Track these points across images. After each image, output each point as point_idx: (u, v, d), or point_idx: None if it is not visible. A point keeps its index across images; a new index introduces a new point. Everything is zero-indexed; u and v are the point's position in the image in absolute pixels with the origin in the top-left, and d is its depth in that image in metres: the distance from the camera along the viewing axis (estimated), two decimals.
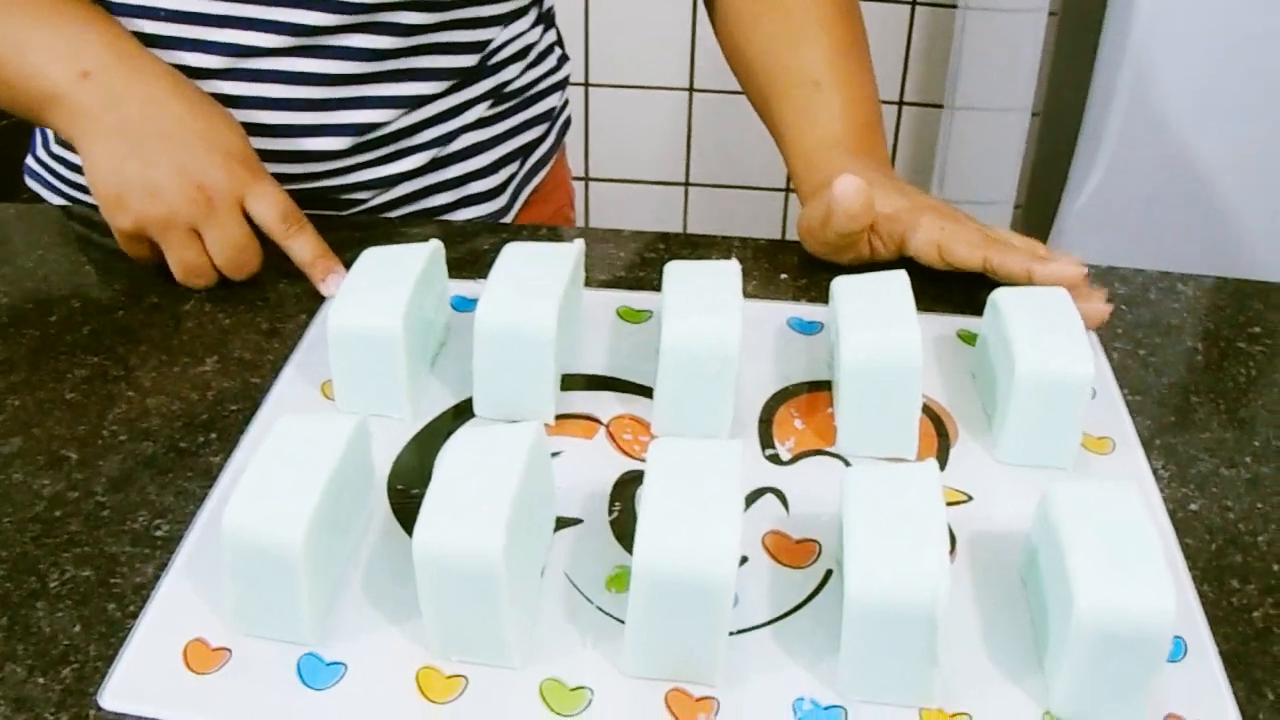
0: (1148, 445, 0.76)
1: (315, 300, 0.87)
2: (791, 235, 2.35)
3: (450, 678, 0.61)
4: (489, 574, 0.58)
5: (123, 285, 0.90)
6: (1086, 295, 0.82)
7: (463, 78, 1.01)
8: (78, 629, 0.63)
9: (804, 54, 0.96)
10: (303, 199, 0.90)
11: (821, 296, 0.86)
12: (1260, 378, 0.84)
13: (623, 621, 0.62)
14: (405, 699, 0.60)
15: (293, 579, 0.60)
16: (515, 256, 0.77)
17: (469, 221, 1.05)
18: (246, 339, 0.83)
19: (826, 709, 0.60)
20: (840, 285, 0.77)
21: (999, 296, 0.77)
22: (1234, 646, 0.64)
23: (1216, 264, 0.98)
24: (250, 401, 0.77)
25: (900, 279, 0.76)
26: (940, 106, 2.25)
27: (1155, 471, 0.74)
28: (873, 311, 0.74)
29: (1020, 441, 0.73)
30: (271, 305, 0.87)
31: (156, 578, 0.66)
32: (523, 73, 1.07)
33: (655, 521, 0.59)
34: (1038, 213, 1.66)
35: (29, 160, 1.13)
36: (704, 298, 0.73)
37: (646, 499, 0.60)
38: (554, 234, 0.97)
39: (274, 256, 0.89)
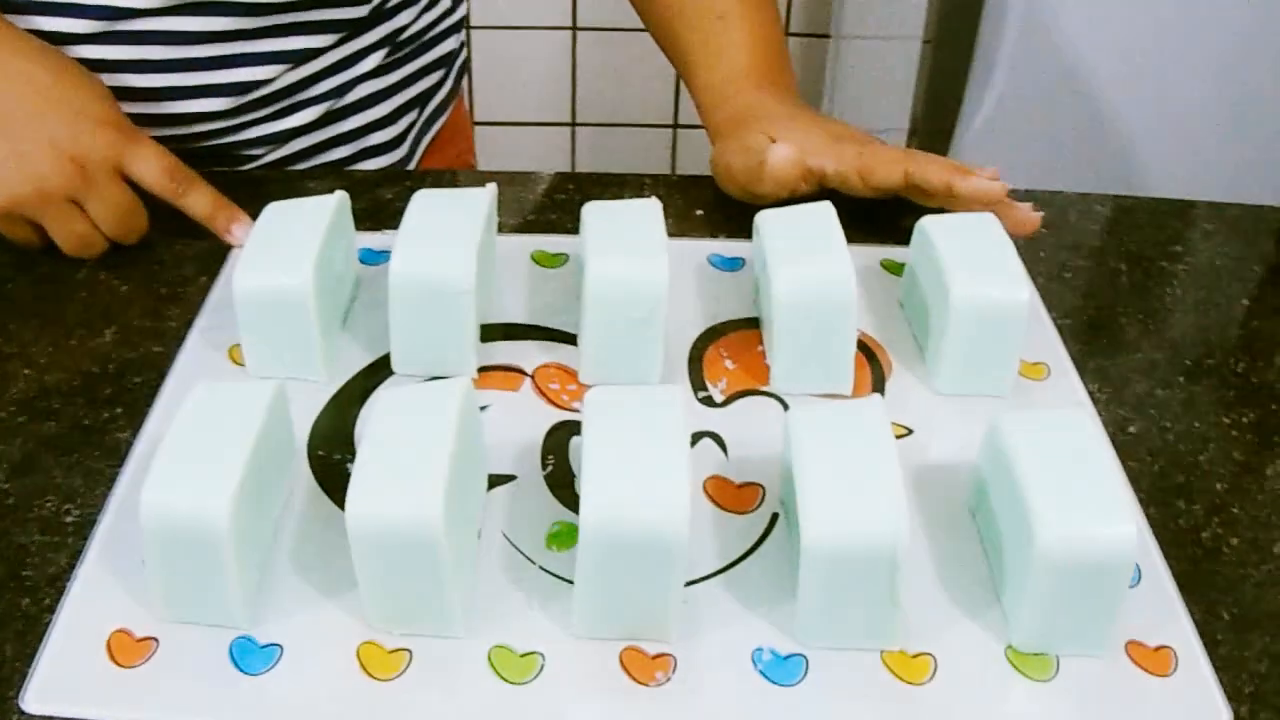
0: (1081, 369, 0.75)
1: (215, 261, 0.83)
2: (681, 170, 2.35)
3: (393, 652, 0.58)
4: (428, 542, 0.55)
5: (8, 257, 0.84)
6: (1010, 207, 0.81)
7: (354, 28, 0.97)
8: None
9: None
10: (191, 159, 0.85)
11: (741, 232, 0.84)
12: (1186, 296, 0.84)
13: (569, 581, 0.60)
14: (348, 678, 0.57)
15: (219, 559, 0.57)
16: (425, 204, 0.73)
17: (371, 171, 1.01)
18: (145, 306, 0.79)
19: (787, 658, 0.58)
20: (765, 219, 0.75)
21: (926, 224, 0.75)
22: (1185, 568, 0.63)
23: (1111, 184, 0.99)
24: (155, 372, 0.73)
25: (826, 210, 0.74)
26: (827, 37, 2.23)
27: (1091, 395, 0.73)
28: (802, 245, 0.72)
29: (958, 371, 0.72)
30: (168, 269, 0.82)
31: (71, 567, 0.62)
32: (417, 17, 1.03)
33: (600, 476, 0.56)
34: (932, 140, 1.65)
35: None
36: (626, 238, 0.71)
37: (588, 452, 0.58)
38: (459, 179, 0.94)
39: (166, 218, 0.84)
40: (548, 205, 0.89)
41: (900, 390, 0.73)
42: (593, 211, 0.74)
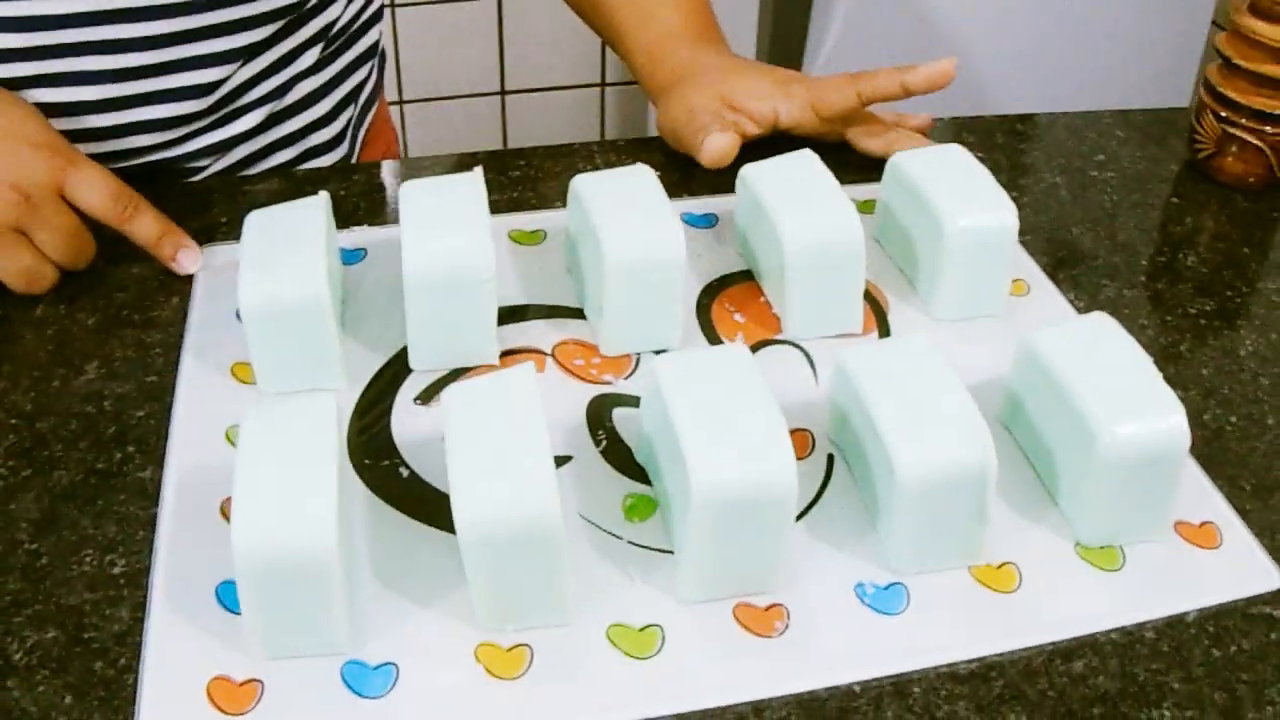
0: (1055, 281, 0.79)
1: (181, 279, 0.79)
2: (610, 129, 2.30)
3: (511, 650, 0.58)
4: (548, 535, 0.55)
5: None
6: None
7: (290, 23, 0.94)
8: (69, 700, 0.55)
9: None
10: (135, 178, 0.81)
11: (701, 189, 0.85)
12: (1122, 201, 0.89)
13: (659, 550, 0.61)
14: (475, 682, 0.56)
15: (326, 588, 0.55)
16: (418, 196, 0.72)
17: (315, 169, 0.98)
18: (121, 336, 0.75)
19: (888, 588, 0.61)
20: (750, 174, 0.76)
21: (898, 160, 0.77)
22: (1199, 450, 0.68)
23: (959, 106, 1.03)
24: (157, 403, 0.70)
25: (810, 159, 0.76)
26: None
27: (1070, 303, 0.78)
28: (799, 195, 0.73)
29: (956, 297, 0.75)
30: (133, 294, 0.78)
31: (137, 620, 0.59)
32: (344, 9, 1.00)
33: (701, 442, 0.57)
34: None
35: None
36: (631, 207, 0.71)
37: (677, 420, 0.58)
38: (414, 166, 0.92)
39: (111, 242, 0.80)
40: (507, 184, 0.88)
41: (904, 321, 0.76)
42: (585, 185, 0.74)
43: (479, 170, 0.74)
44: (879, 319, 0.75)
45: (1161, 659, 0.58)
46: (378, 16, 1.06)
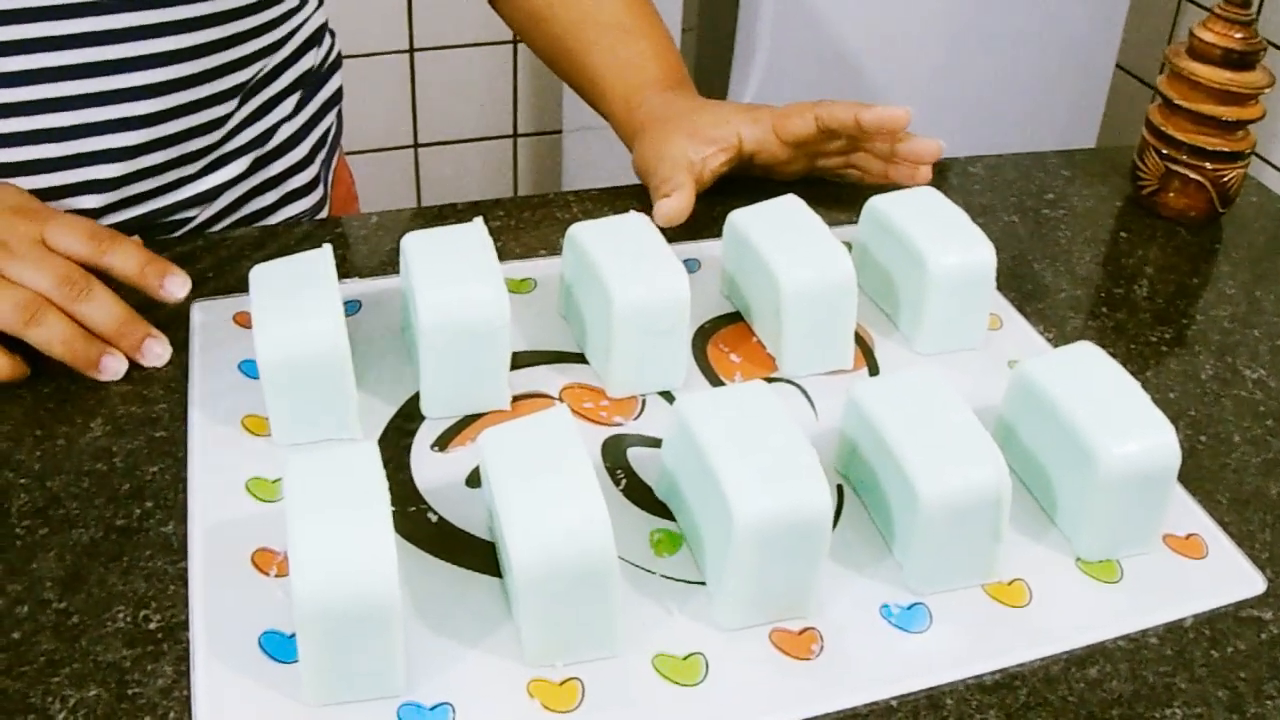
0: (1024, 315, 0.83)
1: (179, 331, 0.79)
2: (523, 184, 2.29)
3: (563, 683, 0.59)
4: (602, 568, 0.57)
5: None
6: (910, 138, 0.91)
7: (275, 67, 0.96)
8: None
9: (605, 4, 0.98)
10: (124, 230, 0.81)
11: (681, 234, 0.88)
12: (1076, 236, 0.94)
13: (692, 583, 0.64)
14: (533, 717, 0.58)
15: (387, 632, 0.56)
16: (423, 246, 0.74)
17: (294, 222, 0.99)
18: (124, 392, 0.75)
19: (911, 608, 0.64)
20: (739, 220, 0.79)
21: (876, 203, 0.81)
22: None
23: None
24: (169, 459, 0.70)
25: (796, 203, 0.79)
26: None
27: (1041, 334, 0.82)
28: (791, 239, 0.76)
29: (939, 332, 0.78)
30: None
31: (181, 674, 0.59)
32: (316, 57, 1.02)
33: (736, 474, 0.60)
34: None
35: None
36: (634, 255, 0.74)
37: (710, 455, 0.61)
38: (368, 223, 0.93)
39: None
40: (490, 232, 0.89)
41: (890, 356, 0.79)
42: (582, 233, 0.76)
43: (479, 220, 0.76)
44: (867, 355, 0.79)
45: (1167, 662, 0.62)
46: (338, 64, 1.08)
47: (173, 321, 0.80)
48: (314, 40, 1.01)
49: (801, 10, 1.59)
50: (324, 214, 1.06)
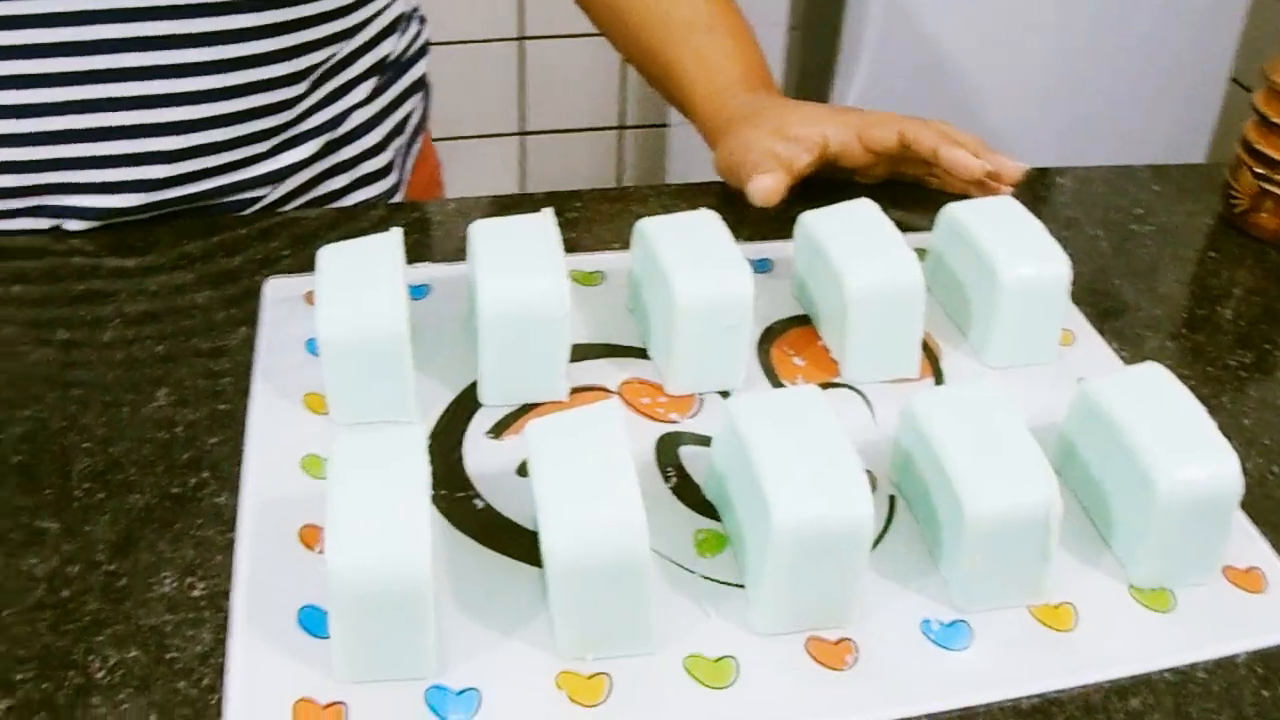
0: (1100, 331, 0.82)
1: (244, 308, 0.80)
2: (628, 176, 2.32)
3: (591, 678, 0.59)
4: (635, 564, 0.57)
5: (21, 321, 0.81)
6: (993, 155, 0.90)
7: (351, 53, 0.97)
8: (153, 717, 0.57)
9: (690, 1, 0.98)
10: (195, 207, 0.83)
11: (755, 233, 0.87)
12: (1162, 254, 0.92)
13: (731, 585, 0.63)
14: (558, 708, 0.58)
15: (418, 612, 0.57)
16: (490, 234, 0.74)
17: (369, 205, 1.00)
18: (192, 364, 0.77)
19: (951, 625, 0.63)
20: (809, 221, 0.78)
21: (952, 210, 0.80)
22: (1243, 498, 0.68)
23: None
24: (229, 431, 0.71)
25: (869, 206, 0.78)
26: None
27: (1116, 353, 0.80)
28: (860, 243, 0.75)
29: (1008, 344, 0.77)
30: (201, 323, 0.80)
31: (219, 642, 0.60)
32: (397, 42, 1.03)
33: (779, 479, 0.59)
34: None
35: None
36: (700, 251, 0.73)
37: (755, 457, 0.60)
38: (462, 207, 0.94)
39: (179, 268, 0.82)
40: (564, 224, 0.85)
41: (957, 368, 0.78)
42: (650, 228, 0.76)
43: (549, 211, 0.76)
44: (933, 365, 0.78)
45: (1213, 699, 0.60)
46: (424, 51, 1.09)
47: (245, 296, 0.81)
48: (394, 27, 1.02)
49: (909, 15, 1.58)
50: (398, 199, 1.07)
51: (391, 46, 1.02)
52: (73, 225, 0.91)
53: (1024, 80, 1.67)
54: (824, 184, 0.92)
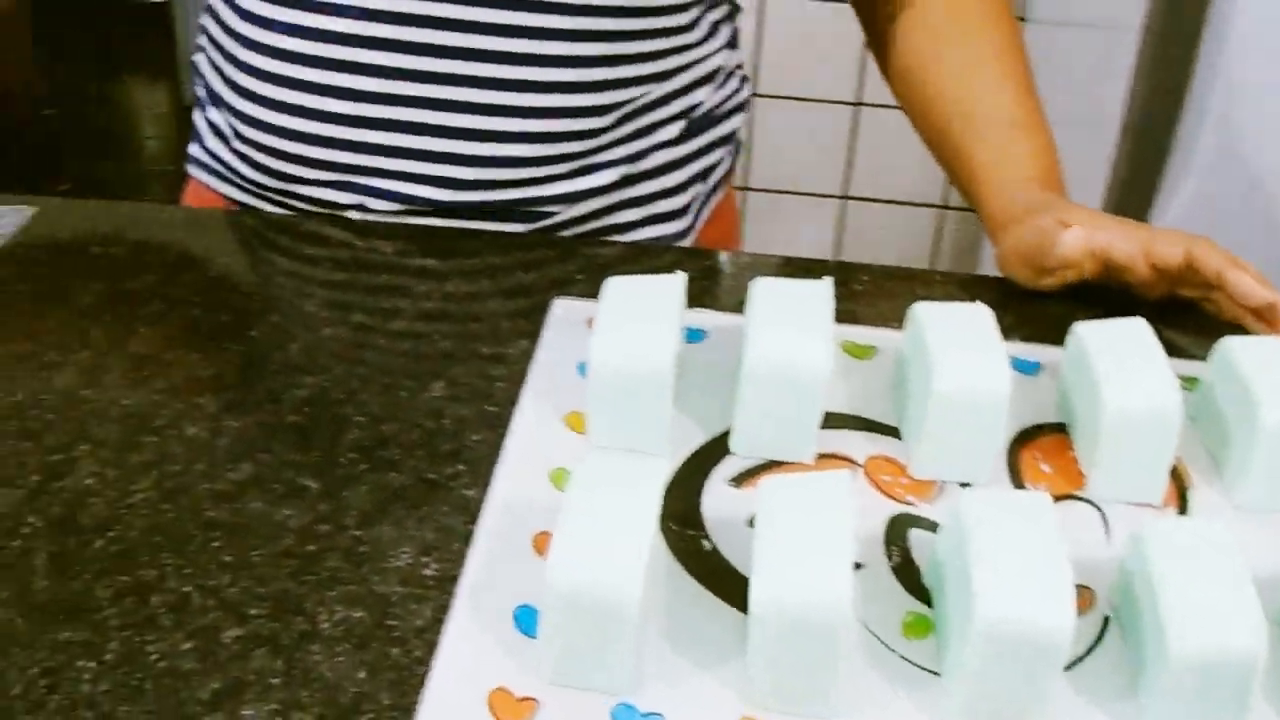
0: None
1: (532, 324, 0.85)
2: (944, 256, 2.35)
3: None
4: (830, 628, 0.59)
5: (322, 299, 0.88)
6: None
7: (656, 96, 1.03)
8: (363, 675, 0.62)
9: (996, 94, 1.00)
10: (488, 212, 0.90)
11: (1030, 335, 0.88)
12: None
13: (928, 671, 0.64)
14: None
15: (623, 630, 0.60)
16: (769, 293, 0.77)
17: (667, 246, 1.05)
18: (470, 365, 0.82)
19: None
20: (1084, 331, 0.79)
21: (1228, 343, 0.78)
22: None
23: None
24: (491, 431, 0.76)
25: (1142, 326, 0.78)
26: None
27: None
28: (1127, 362, 0.75)
29: (1261, 487, 0.75)
30: (488, 329, 0.86)
31: (437, 621, 0.64)
32: (711, 94, 1.08)
33: (991, 576, 0.60)
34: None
35: (192, 150, 1.12)
36: (965, 340, 0.75)
37: (973, 552, 0.61)
38: (740, 260, 0.98)
39: (490, 280, 0.89)
40: (847, 295, 0.91)
41: (1203, 504, 0.76)
42: (926, 311, 0.78)
43: (829, 280, 0.78)
44: (1180, 495, 0.76)
45: None
46: (742, 108, 1.13)
47: (533, 312, 0.87)
48: (710, 79, 1.07)
49: (1248, 127, 1.53)
50: (686, 243, 1.11)
51: (704, 97, 1.07)
52: (375, 205, 0.99)
53: None
54: (1102, 295, 0.91)
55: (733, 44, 1.13)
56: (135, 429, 0.76)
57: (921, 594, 0.68)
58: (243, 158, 1.04)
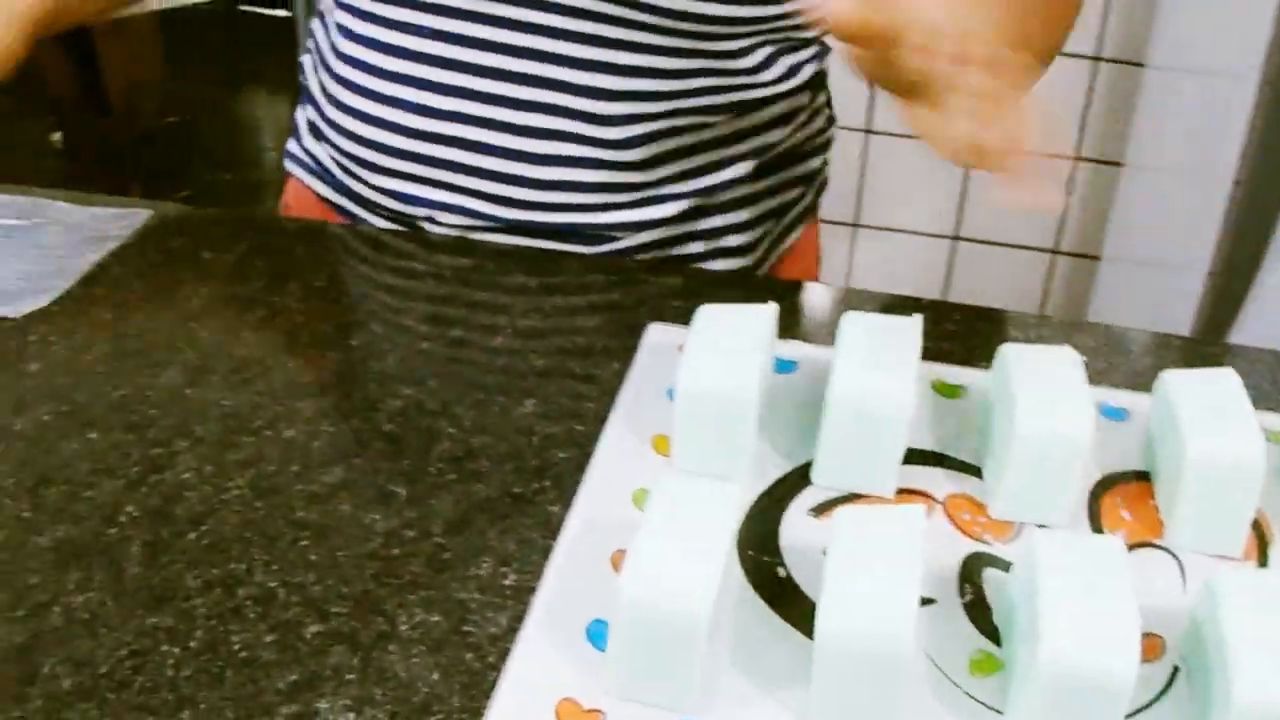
0: None
1: (627, 348, 0.87)
2: (1052, 302, 2.35)
3: None
4: (894, 658, 0.59)
5: (421, 313, 0.91)
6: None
7: (725, 133, 1.03)
8: (436, 676, 0.64)
9: None
10: (551, 233, 0.93)
11: (1123, 382, 0.87)
12: None
13: (992, 709, 0.64)
14: None
15: (689, 650, 0.61)
16: (858, 328, 0.78)
17: (764, 276, 1.07)
18: (563, 384, 0.84)
19: None
20: (1171, 380, 0.78)
21: None
22: None
23: None
24: (578, 450, 0.78)
25: (1230, 377, 0.78)
26: (1119, 165, 2.27)
27: None
28: (1213, 411, 0.75)
29: None
30: (582, 350, 0.88)
31: (512, 630, 0.66)
32: (788, 135, 1.09)
33: (1058, 619, 0.60)
34: (1233, 281, 1.67)
35: (290, 146, 1.16)
36: (1049, 386, 0.75)
37: (1042, 593, 0.62)
38: (833, 295, 0.99)
39: (588, 301, 0.91)
40: (940, 334, 0.92)
41: None
42: (1014, 353, 0.78)
43: (919, 318, 0.79)
44: (1260, 549, 0.75)
45: None
46: (823, 147, 1.13)
47: (628, 334, 0.88)
48: (787, 120, 1.07)
49: None
50: None
51: (780, 136, 1.07)
52: (443, 218, 1.02)
53: None
54: (1197, 352, 0.90)
55: (816, 84, 1.12)
56: (234, 428, 0.79)
57: (992, 633, 0.68)
58: (330, 156, 1.09)
